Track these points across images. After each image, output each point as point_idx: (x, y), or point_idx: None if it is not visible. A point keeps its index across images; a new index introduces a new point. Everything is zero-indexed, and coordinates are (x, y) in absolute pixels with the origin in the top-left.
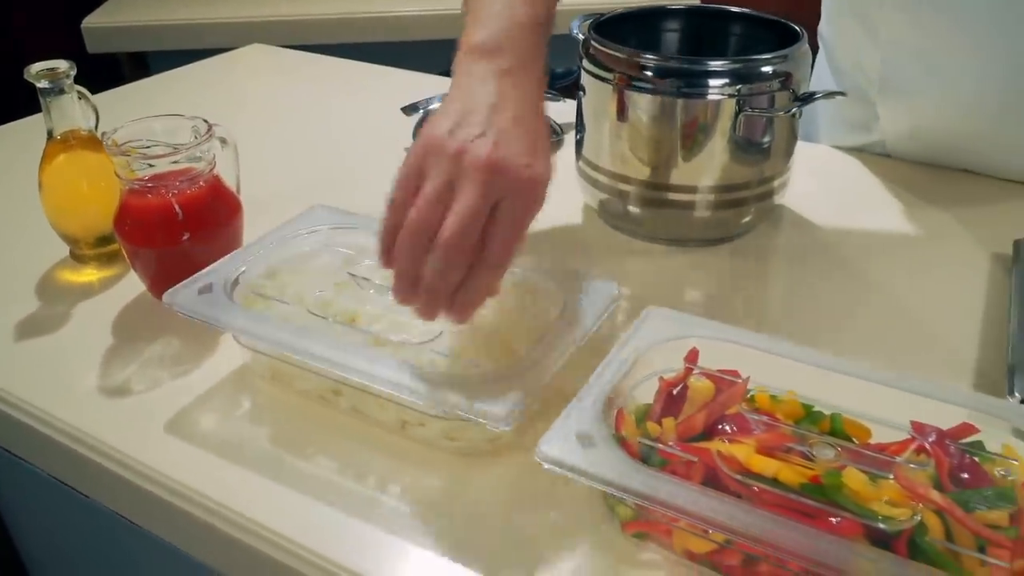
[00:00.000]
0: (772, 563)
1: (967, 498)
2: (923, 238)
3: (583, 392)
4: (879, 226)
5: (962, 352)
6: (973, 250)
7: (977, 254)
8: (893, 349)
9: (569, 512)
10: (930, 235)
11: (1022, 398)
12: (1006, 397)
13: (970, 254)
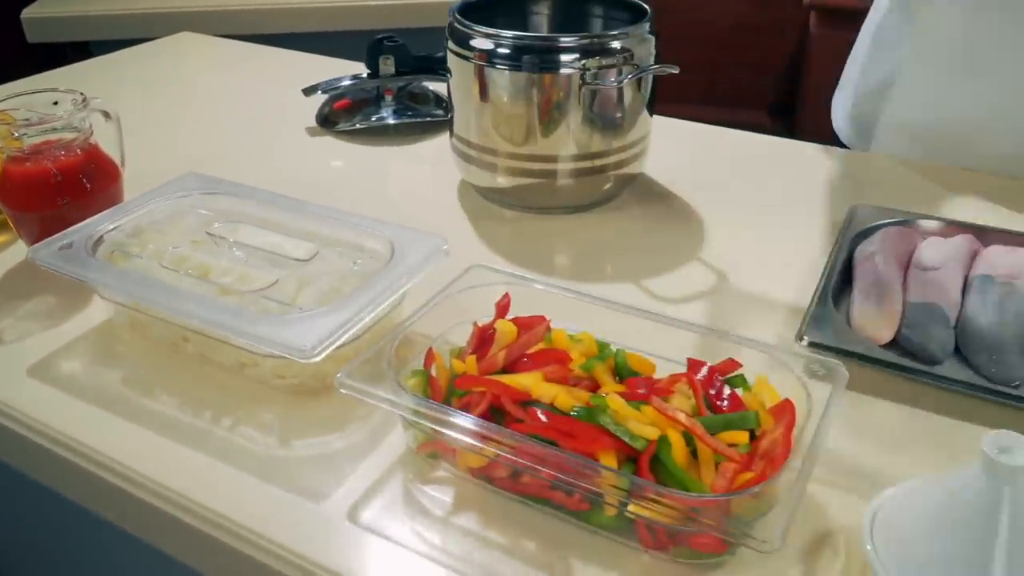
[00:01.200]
0: (531, 474)
1: (717, 421)
2: (773, 205)
3: (394, 332)
4: (734, 195)
5: (790, 306)
6: (818, 217)
7: (821, 220)
8: (730, 304)
9: (377, 438)
10: (781, 203)
11: (809, 342)
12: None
13: (815, 220)
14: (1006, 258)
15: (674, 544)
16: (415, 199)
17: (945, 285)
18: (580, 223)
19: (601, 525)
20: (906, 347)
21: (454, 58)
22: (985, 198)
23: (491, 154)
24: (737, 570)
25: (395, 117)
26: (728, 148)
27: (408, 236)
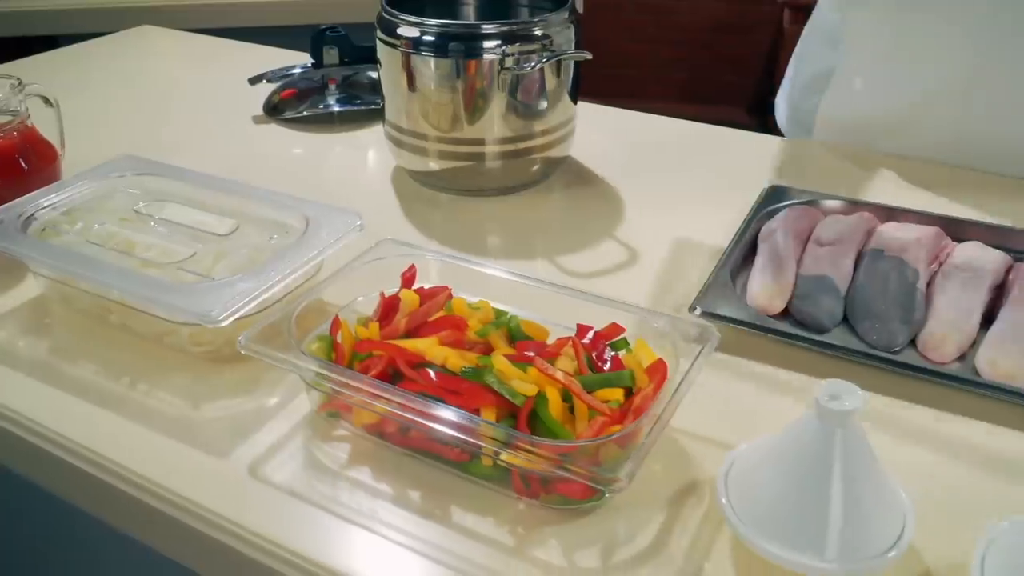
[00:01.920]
0: (418, 429)
1: (595, 380)
2: (694, 188)
3: (297, 300)
4: (658, 179)
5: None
6: (738, 199)
7: (740, 201)
8: (639, 279)
9: (283, 401)
10: (702, 186)
11: (701, 312)
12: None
13: (734, 202)
14: (898, 234)
15: (545, 492)
16: (352, 183)
17: (838, 259)
18: (510, 204)
19: (480, 475)
20: (797, 317)
21: (383, 47)
22: (902, 182)
23: (421, 139)
24: (607, 516)
25: (338, 105)
26: (656, 134)
27: (324, 212)
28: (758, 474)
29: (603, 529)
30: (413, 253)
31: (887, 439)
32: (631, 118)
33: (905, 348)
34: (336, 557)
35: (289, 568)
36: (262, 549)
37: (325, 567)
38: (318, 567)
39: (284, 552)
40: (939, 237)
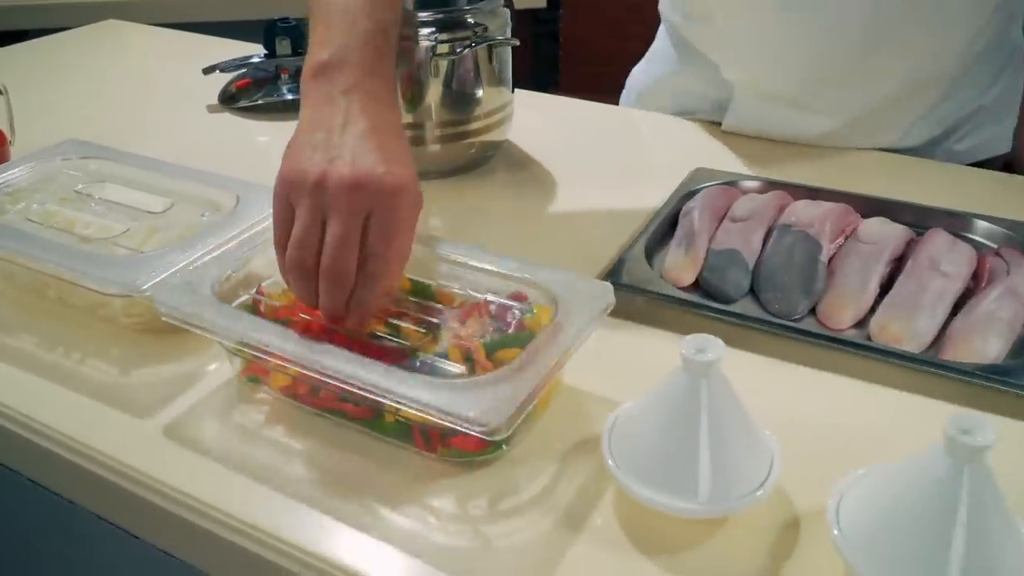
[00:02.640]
0: (327, 389)
1: (496, 341)
2: (626, 172)
3: (221, 269)
4: (593, 163)
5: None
6: (667, 182)
7: (669, 184)
8: (563, 254)
9: (207, 367)
10: (633, 170)
11: (612, 283)
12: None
13: (663, 185)
14: (807, 211)
15: (442, 445)
16: None
17: (748, 234)
18: (451, 187)
19: (383, 431)
20: (706, 288)
21: None
22: (824, 164)
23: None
24: (501, 469)
25: (291, 94)
26: (594, 120)
27: (254, 191)
28: (636, 427)
29: (496, 480)
30: None
31: (778, 397)
32: (570, 105)
33: (806, 317)
34: (244, 509)
35: (201, 519)
36: (179, 503)
37: (235, 517)
38: (228, 517)
39: (199, 504)
40: (846, 213)
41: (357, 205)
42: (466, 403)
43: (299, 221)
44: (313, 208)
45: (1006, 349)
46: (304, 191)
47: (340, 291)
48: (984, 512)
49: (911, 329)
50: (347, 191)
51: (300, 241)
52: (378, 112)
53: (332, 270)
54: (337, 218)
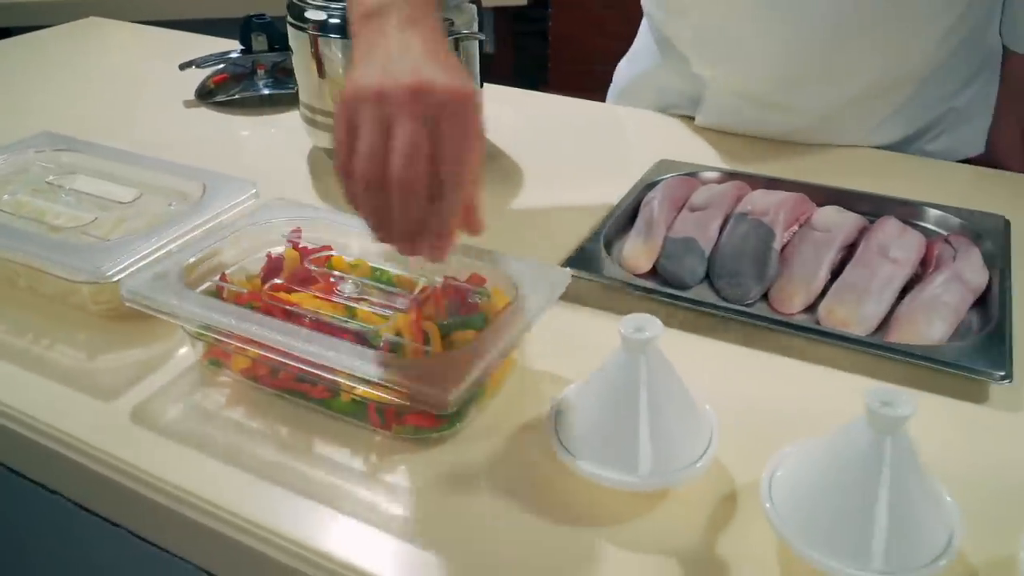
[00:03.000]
0: (286, 370)
1: (452, 323)
2: (592, 164)
3: (182, 256)
4: (559, 156)
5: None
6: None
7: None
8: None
9: (172, 352)
10: (600, 162)
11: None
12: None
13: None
14: (763, 200)
15: (397, 423)
16: (275, 160)
17: (706, 222)
18: None
19: (340, 410)
20: (663, 275)
21: (293, 31)
22: (787, 156)
23: (333, 118)
24: (454, 446)
25: (267, 89)
26: (562, 114)
27: (222, 181)
28: (580, 405)
29: (449, 457)
30: (303, 215)
31: (729, 379)
32: (539, 99)
33: (758, 302)
34: (205, 488)
35: (164, 497)
36: (143, 482)
37: (196, 495)
38: (188, 494)
39: (161, 483)
40: (801, 202)
41: (422, 110)
42: (418, 379)
43: (363, 135)
44: (377, 119)
45: (950, 332)
46: (366, 104)
47: (415, 202)
48: (906, 480)
49: (858, 313)
50: (410, 96)
51: (367, 154)
52: (434, 40)
53: (404, 179)
54: (402, 125)
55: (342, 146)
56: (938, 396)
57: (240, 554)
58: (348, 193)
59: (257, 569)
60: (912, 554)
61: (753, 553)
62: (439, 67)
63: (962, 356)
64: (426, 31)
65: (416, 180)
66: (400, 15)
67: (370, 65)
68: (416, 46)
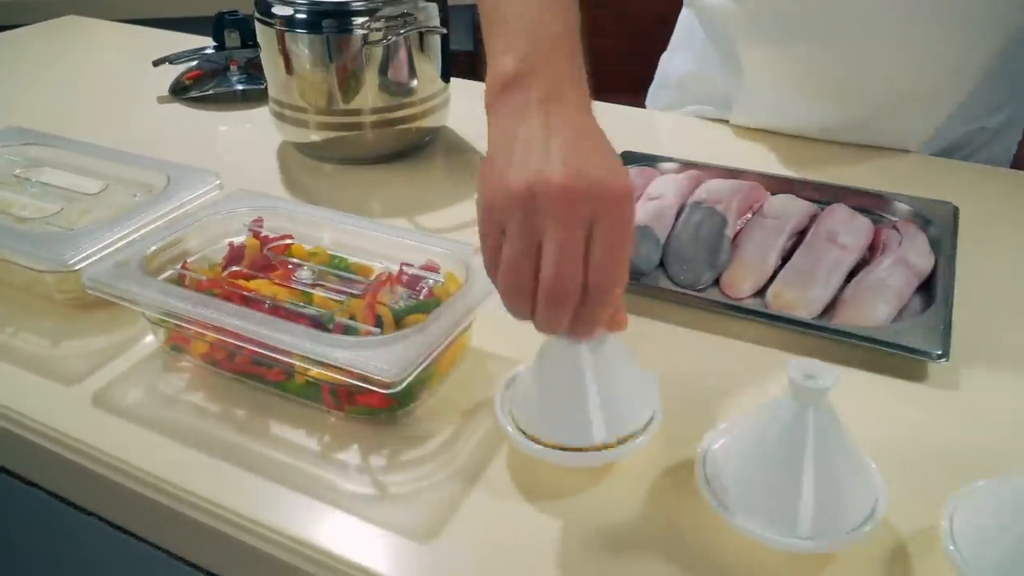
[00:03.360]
0: (242, 354)
1: (405, 307)
2: None
3: (145, 244)
4: None
5: None
6: None
7: None
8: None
9: (135, 339)
10: None
11: None
12: None
13: None
14: (717, 188)
15: (349, 404)
16: (246, 154)
17: (663, 211)
18: (391, 172)
19: (296, 392)
20: None
21: (260, 26)
22: (755, 148)
23: (301, 112)
24: (405, 426)
25: (240, 84)
26: None
27: (186, 173)
28: (527, 383)
29: (399, 436)
30: (265, 205)
31: (679, 361)
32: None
33: (710, 287)
34: (165, 468)
35: (125, 478)
36: (104, 463)
37: (155, 475)
38: (147, 474)
39: (123, 464)
40: (755, 190)
41: (577, 215)
42: (367, 359)
43: (510, 241)
44: (525, 224)
45: (893, 314)
46: (513, 207)
47: (565, 312)
48: (830, 449)
49: (804, 297)
50: (564, 199)
51: (515, 262)
52: (582, 120)
53: (556, 289)
54: (556, 231)
55: (489, 253)
56: (879, 375)
57: (198, 532)
58: (500, 295)
59: (216, 545)
60: (837, 521)
61: (689, 525)
62: (592, 159)
63: (901, 336)
64: (571, 108)
65: (569, 289)
66: (544, 85)
67: (513, 157)
68: (565, 132)
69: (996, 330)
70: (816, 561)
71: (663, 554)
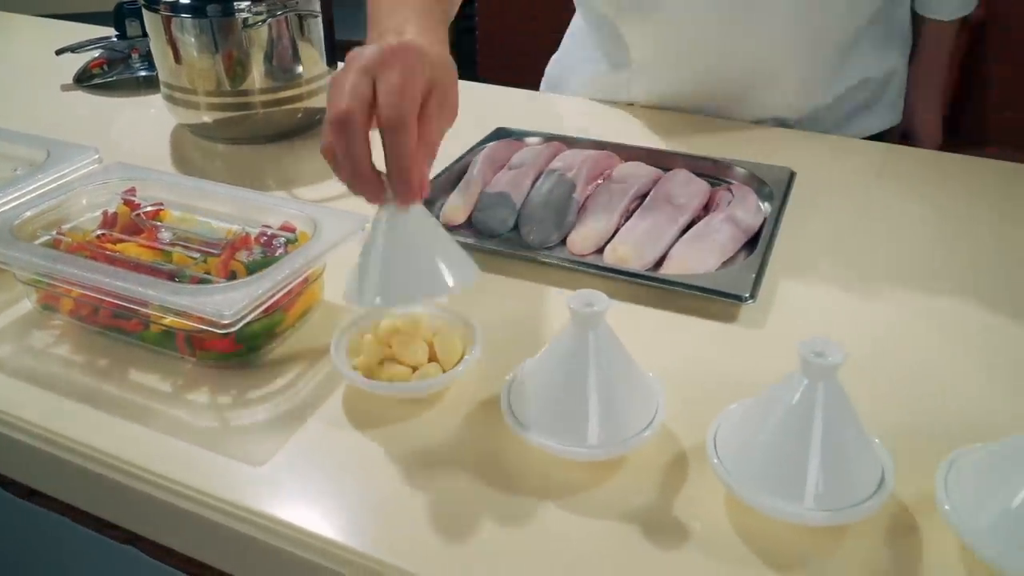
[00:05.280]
0: (105, 308)
1: (260, 261)
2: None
3: (17, 212)
4: None
5: None
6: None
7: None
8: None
9: (10, 303)
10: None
11: None
12: None
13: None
14: (572, 157)
15: (200, 349)
16: (139, 136)
17: (520, 179)
18: (284, 149)
19: (153, 342)
20: (477, 226)
21: (148, 13)
22: (626, 123)
23: (191, 95)
24: (256, 369)
25: (143, 71)
26: None
27: (66, 149)
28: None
29: (246, 379)
30: (140, 176)
31: (529, 314)
32: None
33: (558, 246)
34: (35, 415)
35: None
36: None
37: (25, 420)
38: (17, 419)
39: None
40: (605, 158)
41: (411, 63)
42: (206, 303)
43: (348, 80)
44: (363, 70)
45: (718, 265)
46: (354, 64)
47: (404, 137)
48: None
49: (637, 251)
50: (400, 52)
51: (348, 93)
52: (430, 40)
53: (395, 116)
54: (391, 70)
55: (329, 100)
56: (698, 318)
57: (63, 470)
58: (323, 143)
59: (81, 482)
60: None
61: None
62: (427, 40)
63: (715, 282)
64: (431, 37)
65: (406, 115)
66: (405, 31)
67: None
68: (409, 35)
69: (806, 278)
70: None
71: (471, 471)
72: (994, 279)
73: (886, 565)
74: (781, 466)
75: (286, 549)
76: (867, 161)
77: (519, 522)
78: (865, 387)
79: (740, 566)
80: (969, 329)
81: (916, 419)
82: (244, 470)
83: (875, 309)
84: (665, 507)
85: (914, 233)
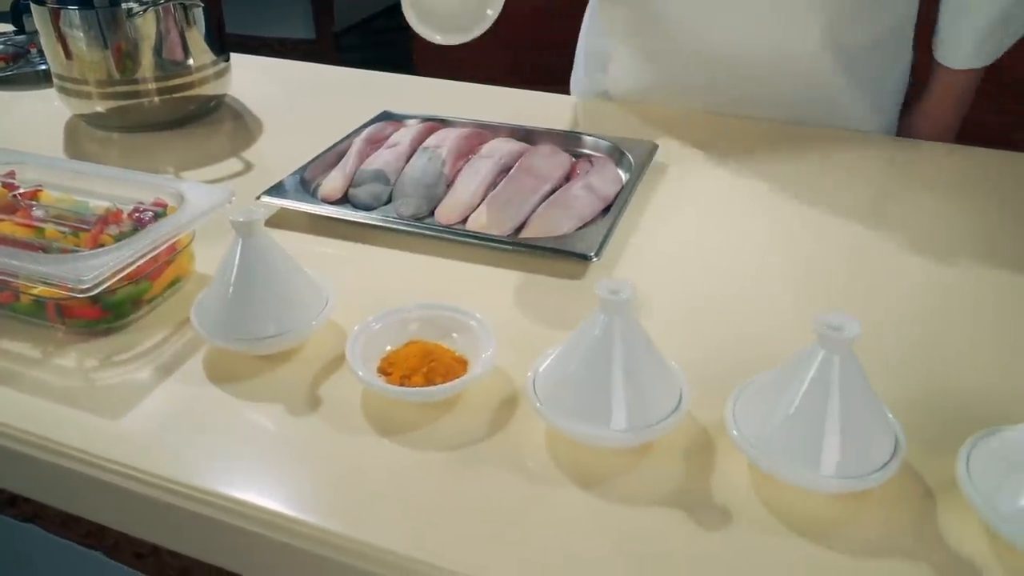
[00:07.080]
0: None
1: (127, 233)
2: (329, 121)
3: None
4: (303, 114)
5: None
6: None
7: None
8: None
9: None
10: (338, 116)
11: (264, 199)
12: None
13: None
14: (444, 136)
15: (69, 317)
16: (35, 127)
17: (396, 157)
18: (180, 136)
19: (25, 312)
20: (353, 201)
21: (35, 7)
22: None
23: (83, 85)
24: (124, 335)
25: (43, 65)
26: (313, 80)
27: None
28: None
29: (114, 343)
30: (21, 160)
31: (402, 280)
32: (291, 67)
33: (428, 217)
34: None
35: None
36: None
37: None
38: None
39: None
40: (476, 135)
41: None
42: (66, 270)
43: None
44: None
45: (573, 229)
46: None
47: None
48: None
49: (497, 218)
50: None
51: None
52: None
53: None
54: None
55: None
56: (550, 277)
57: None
58: None
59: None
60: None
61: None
62: None
63: (563, 243)
64: None
65: None
66: None
67: None
68: None
69: (652, 238)
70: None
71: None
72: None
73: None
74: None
75: (136, 491)
76: (750, 136)
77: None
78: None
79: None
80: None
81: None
82: (99, 424)
83: (708, 272)
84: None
85: (772, 202)
